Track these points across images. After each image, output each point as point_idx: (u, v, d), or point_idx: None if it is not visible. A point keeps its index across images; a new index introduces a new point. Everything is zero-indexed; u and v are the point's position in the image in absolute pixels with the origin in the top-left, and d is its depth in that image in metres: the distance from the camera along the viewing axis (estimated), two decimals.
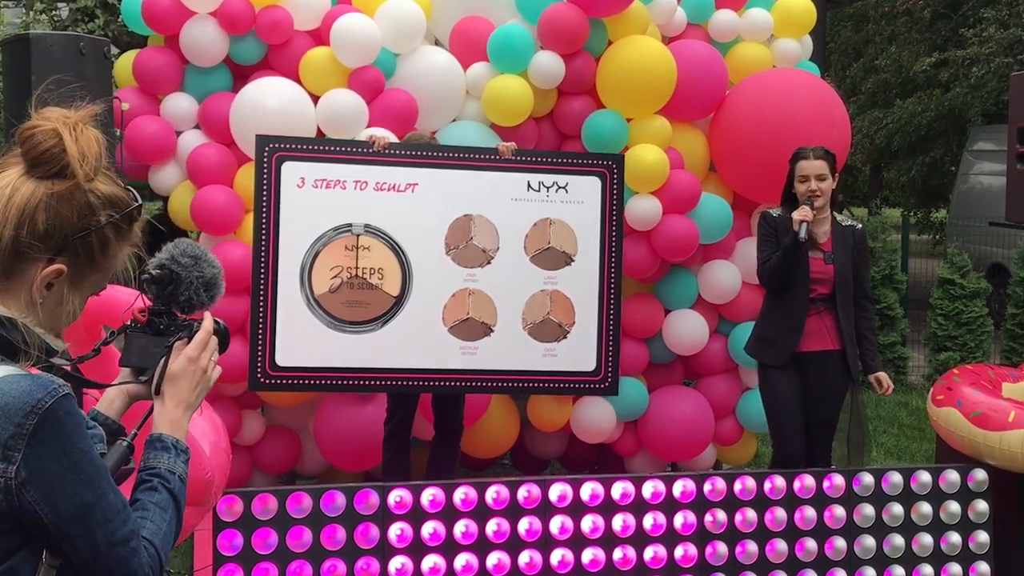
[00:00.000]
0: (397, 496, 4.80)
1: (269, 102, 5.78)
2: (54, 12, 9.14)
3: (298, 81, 5.96)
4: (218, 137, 5.99)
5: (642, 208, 6.03)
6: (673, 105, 6.17)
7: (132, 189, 1.86)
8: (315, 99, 5.92)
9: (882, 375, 5.58)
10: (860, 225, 5.71)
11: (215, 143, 6.00)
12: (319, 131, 5.92)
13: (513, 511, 4.89)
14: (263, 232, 5.37)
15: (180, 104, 6.06)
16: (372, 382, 5.55)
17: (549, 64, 5.96)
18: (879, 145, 19.98)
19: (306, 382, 5.49)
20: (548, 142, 6.33)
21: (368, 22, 5.87)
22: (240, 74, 6.18)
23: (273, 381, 5.45)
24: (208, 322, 2.04)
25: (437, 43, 6.44)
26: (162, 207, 7.65)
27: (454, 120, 6.21)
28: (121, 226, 1.82)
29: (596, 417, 6.35)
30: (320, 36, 6.05)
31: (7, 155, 1.77)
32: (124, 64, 6.16)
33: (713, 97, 6.37)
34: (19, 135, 1.74)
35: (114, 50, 6.39)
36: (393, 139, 5.70)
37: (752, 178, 6.29)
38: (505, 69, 6.02)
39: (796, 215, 5.24)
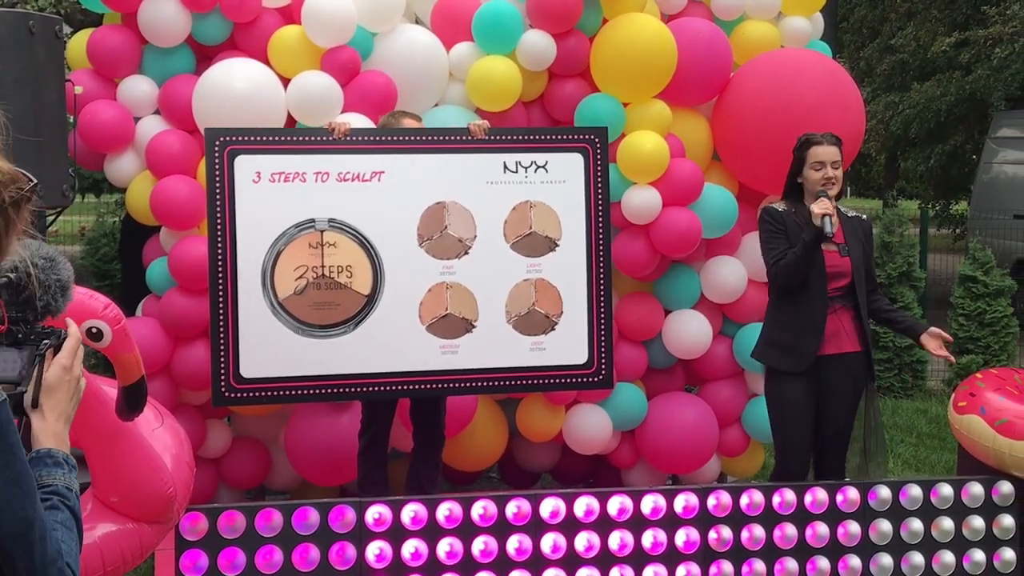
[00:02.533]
0: (375, 513, 4.79)
1: (235, 85, 5.76)
2: None
3: (267, 62, 5.95)
4: (180, 123, 5.97)
5: (640, 200, 6.03)
6: (673, 88, 6.17)
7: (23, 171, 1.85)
8: (285, 82, 5.91)
9: (934, 329, 5.55)
10: (865, 215, 5.76)
11: (176, 130, 5.97)
12: (289, 117, 5.91)
13: (501, 528, 4.89)
14: (219, 234, 5.32)
15: (138, 87, 6.03)
16: (346, 390, 5.53)
17: (539, 44, 5.96)
18: (895, 132, 20.02)
19: (275, 394, 5.47)
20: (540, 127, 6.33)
21: None
22: (204, 55, 6.16)
23: (239, 395, 5.41)
24: (75, 328, 2.03)
25: (418, 21, 6.43)
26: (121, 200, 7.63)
27: (436, 104, 6.20)
28: (20, 206, 1.81)
29: (591, 426, 6.34)
30: (290, 14, 6.04)
31: None
32: (77, 44, 6.13)
33: (716, 80, 6.37)
34: None
35: (67, 29, 6.36)
36: (364, 124, 5.68)
37: (758, 167, 6.30)
38: (491, 49, 6.02)
39: (817, 208, 5.23)
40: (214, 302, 5.33)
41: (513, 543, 4.88)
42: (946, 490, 5.28)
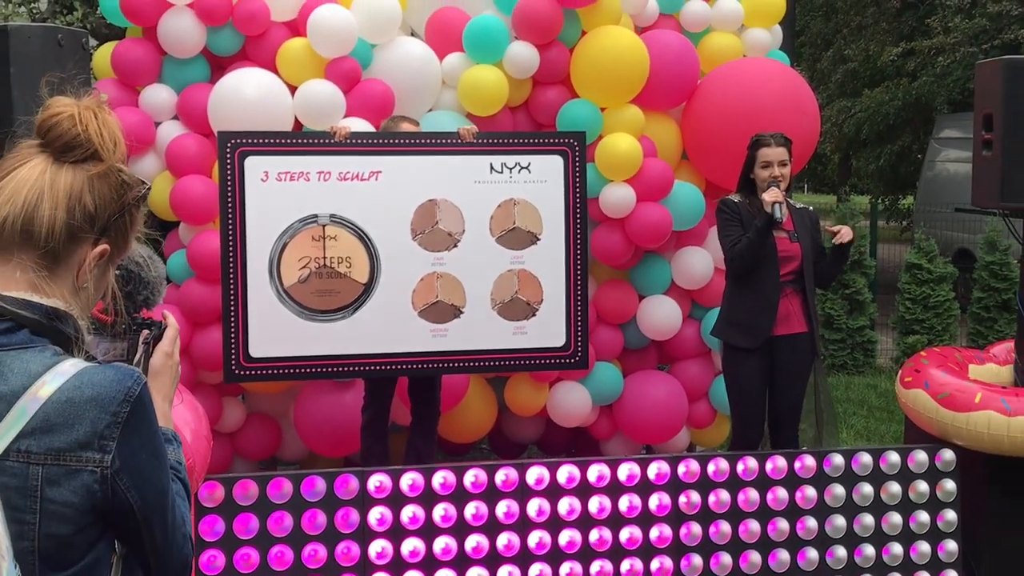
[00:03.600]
0: (377, 481, 4.79)
1: (247, 93, 5.75)
2: (33, 4, 9.05)
3: (275, 72, 5.93)
4: (196, 128, 5.96)
5: (616, 196, 6.03)
6: (646, 94, 6.17)
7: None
8: (292, 90, 5.89)
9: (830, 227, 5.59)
10: (812, 208, 5.79)
11: (193, 133, 5.97)
12: (296, 121, 5.90)
13: (491, 494, 4.89)
14: (230, 227, 5.33)
15: (158, 95, 6.02)
16: (345, 369, 5.54)
17: (524, 54, 5.95)
18: (848, 134, 20.08)
19: (280, 372, 5.47)
20: (523, 131, 6.32)
21: (344, 13, 5.84)
22: (218, 65, 6.15)
23: (247, 372, 5.43)
24: (173, 319, 2.04)
25: (413, 34, 6.41)
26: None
27: (430, 110, 6.19)
28: (140, 206, 1.84)
29: (572, 401, 6.35)
30: (297, 27, 6.02)
31: (18, 148, 1.75)
32: (103, 56, 6.11)
33: (685, 86, 6.37)
34: (40, 124, 1.72)
35: (92, 42, 6.33)
36: (364, 128, 5.67)
37: (724, 166, 6.29)
38: (480, 59, 6.01)
39: (768, 196, 5.26)
40: (225, 288, 5.33)
41: (502, 508, 4.88)
42: (894, 457, 5.30)
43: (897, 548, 5.21)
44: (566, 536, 4.92)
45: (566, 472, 4.98)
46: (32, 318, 1.67)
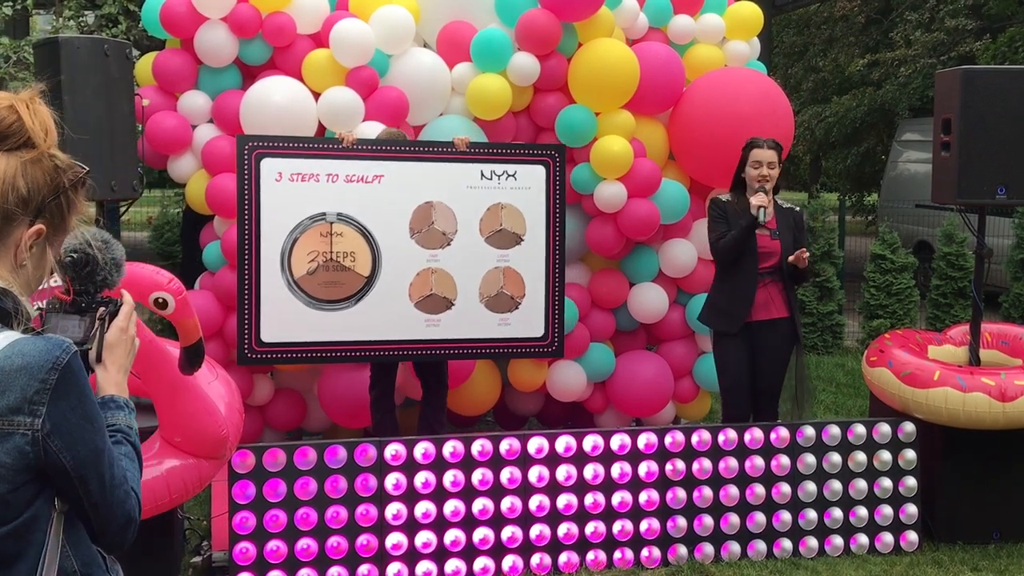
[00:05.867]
0: (393, 450, 4.79)
1: (275, 98, 5.72)
2: (81, 19, 9.02)
3: (301, 79, 5.91)
4: (230, 130, 5.93)
5: (609, 192, 6.01)
6: (636, 100, 6.14)
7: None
8: (316, 96, 5.87)
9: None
10: (799, 208, 5.72)
11: (227, 136, 5.94)
12: (320, 125, 5.88)
13: (496, 462, 4.90)
14: (246, 222, 5.32)
15: (195, 101, 5.99)
16: (348, 353, 5.55)
17: (526, 64, 5.92)
18: (819, 136, 20.03)
19: (289, 356, 5.47)
20: (525, 134, 6.30)
21: (364, 26, 5.82)
22: (249, 73, 6.12)
23: (259, 356, 5.43)
24: (128, 297, 2.04)
25: (425, 45, 6.38)
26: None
27: (441, 114, 6.16)
28: (78, 189, 1.82)
29: (569, 379, 6.35)
30: (320, 39, 5.99)
31: None
32: (144, 65, 6.09)
33: (672, 93, 6.34)
34: None
35: (135, 52, 6.30)
36: (371, 134, 5.67)
37: (707, 165, 6.28)
38: (486, 68, 5.98)
39: (755, 200, 5.23)
40: (240, 278, 5.34)
41: (506, 474, 4.88)
42: (860, 429, 5.30)
43: (863, 511, 5.21)
44: (564, 500, 4.92)
45: (564, 442, 4.98)
46: None
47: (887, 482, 5.26)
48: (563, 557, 4.90)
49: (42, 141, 1.74)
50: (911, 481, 5.29)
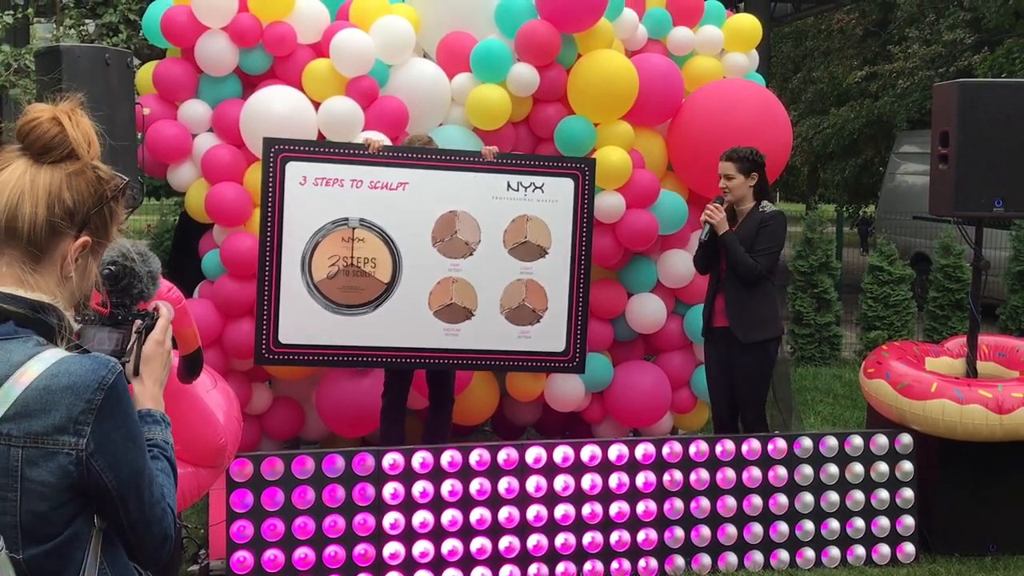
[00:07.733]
0: (391, 459, 4.79)
1: (275, 108, 5.73)
2: (82, 27, 9.04)
3: (301, 89, 5.91)
4: (230, 139, 5.94)
5: (608, 203, 6.02)
6: (635, 111, 6.15)
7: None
8: (316, 105, 5.87)
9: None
10: (773, 208, 5.54)
11: (227, 144, 5.94)
12: (319, 134, 5.88)
13: (494, 472, 4.89)
14: (268, 224, 5.33)
15: (195, 109, 6.00)
16: (364, 359, 5.53)
17: (525, 74, 5.93)
18: (816, 148, 20.08)
19: (306, 358, 5.47)
20: (524, 144, 6.31)
21: (364, 36, 5.83)
22: (249, 83, 6.13)
23: (276, 356, 5.43)
24: (166, 309, 2.02)
25: (425, 55, 6.39)
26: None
27: (441, 124, 6.17)
28: (119, 199, 1.81)
29: (567, 389, 6.34)
30: (321, 49, 6.00)
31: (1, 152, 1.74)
32: (145, 74, 6.09)
33: (671, 104, 6.35)
34: (19, 129, 1.71)
35: (136, 61, 6.31)
36: (387, 142, 5.67)
37: (705, 177, 6.27)
38: (486, 79, 5.99)
39: (702, 216, 5.46)
40: (261, 279, 5.33)
41: (504, 484, 4.88)
42: (857, 441, 5.30)
43: (860, 522, 5.21)
44: (561, 510, 4.92)
45: (561, 452, 4.97)
46: (17, 311, 1.67)
47: (884, 494, 5.26)
48: (560, 567, 4.89)
49: (85, 152, 1.73)
50: (908, 493, 5.29)
